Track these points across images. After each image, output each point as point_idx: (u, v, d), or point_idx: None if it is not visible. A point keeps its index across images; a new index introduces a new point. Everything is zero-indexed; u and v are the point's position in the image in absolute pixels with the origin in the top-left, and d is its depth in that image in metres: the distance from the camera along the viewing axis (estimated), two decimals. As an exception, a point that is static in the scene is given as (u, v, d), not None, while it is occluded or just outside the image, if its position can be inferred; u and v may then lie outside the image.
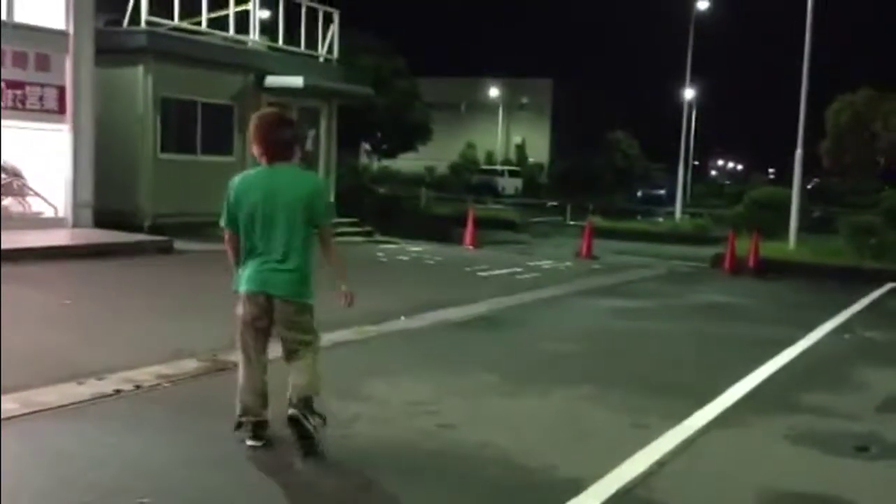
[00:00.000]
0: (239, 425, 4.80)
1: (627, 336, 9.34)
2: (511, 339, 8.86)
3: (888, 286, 14.66)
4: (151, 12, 17.29)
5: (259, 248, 4.68)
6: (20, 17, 14.47)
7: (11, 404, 5.28)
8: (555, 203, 40.29)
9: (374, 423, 5.43)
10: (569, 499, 4.31)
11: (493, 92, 69.12)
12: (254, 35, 19.86)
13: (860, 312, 11.75)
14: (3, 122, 13.98)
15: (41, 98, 15.01)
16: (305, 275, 4.71)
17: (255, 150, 4.85)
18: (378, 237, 19.85)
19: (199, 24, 18.59)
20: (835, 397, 6.84)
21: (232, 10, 18.99)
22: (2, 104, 14.15)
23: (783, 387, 7.10)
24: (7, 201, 15.13)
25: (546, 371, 7.28)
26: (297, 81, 19.03)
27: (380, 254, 16.52)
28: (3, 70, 14.17)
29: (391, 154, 43.42)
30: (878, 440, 5.68)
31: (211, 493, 4.26)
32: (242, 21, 19.46)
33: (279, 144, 4.81)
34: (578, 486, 4.48)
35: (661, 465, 4.94)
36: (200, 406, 5.63)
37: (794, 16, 20.95)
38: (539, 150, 71.25)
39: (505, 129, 69.95)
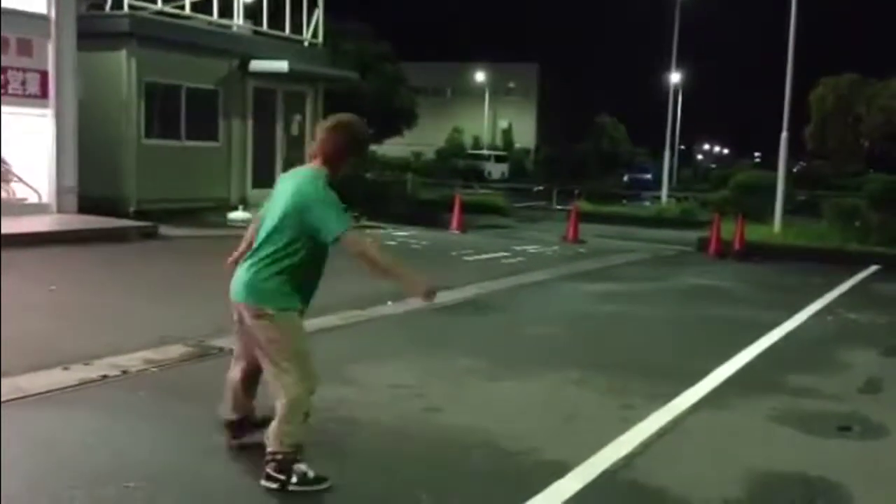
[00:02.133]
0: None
1: (613, 319, 9.38)
2: (497, 323, 8.88)
3: (872, 268, 14.76)
4: (134, -4, 17.17)
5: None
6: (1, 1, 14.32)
7: (-4, 390, 5.27)
8: (541, 188, 40.30)
9: (360, 408, 5.44)
10: (553, 481, 4.34)
11: (479, 77, 68.99)
12: (238, 19, 19.73)
13: (844, 295, 11.83)
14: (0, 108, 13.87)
15: (23, 83, 14.87)
16: (261, 279, 4.08)
17: None
18: (364, 222, 19.80)
19: (183, 7, 18.44)
20: (818, 378, 6.89)
21: (216, -7, 18.86)
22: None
23: (767, 368, 7.16)
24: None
25: (532, 355, 7.30)
26: (281, 66, 18.93)
27: (367, 239, 16.49)
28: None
29: (378, 139, 43.30)
30: (860, 420, 5.74)
31: (197, 478, 4.26)
32: (226, 5, 19.33)
33: (321, 148, 4.23)
34: (563, 469, 4.51)
35: (645, 446, 4.98)
36: (187, 392, 5.63)
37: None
38: (525, 134, 71.22)
39: (491, 114, 69.86)
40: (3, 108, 14.35)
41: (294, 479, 4.05)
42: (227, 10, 19.34)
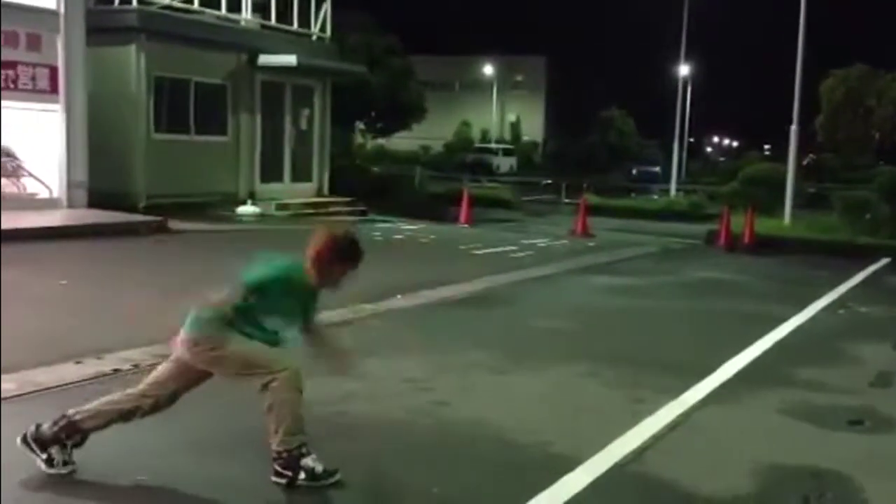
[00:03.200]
0: None
1: (622, 313, 9.37)
2: (506, 316, 8.88)
3: (883, 261, 14.71)
4: (143, -9, 17.20)
5: None
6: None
7: (9, 384, 5.31)
8: (549, 181, 40.24)
9: (369, 401, 5.46)
10: (563, 475, 4.34)
11: (487, 70, 68.85)
12: (246, 13, 19.74)
13: (855, 288, 11.79)
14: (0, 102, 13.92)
15: (33, 78, 14.92)
16: None
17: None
18: (373, 216, 19.84)
19: (191, 2, 18.46)
20: (829, 372, 6.88)
21: (224, -12, 18.88)
22: (-4, 85, 14.10)
23: (778, 362, 7.14)
24: (1, 182, 15.09)
25: (541, 348, 7.30)
26: (290, 60, 18.95)
27: (375, 233, 16.49)
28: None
29: (386, 133, 43.29)
30: (871, 414, 5.72)
31: (208, 472, 4.28)
32: (234, -1, 19.36)
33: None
34: (573, 462, 4.51)
35: (655, 440, 4.98)
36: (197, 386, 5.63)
37: (789, -9, 20.83)
38: (533, 127, 71.13)
39: (499, 108, 69.74)
40: (13, 103, 14.41)
41: (302, 476, 4.07)
42: (235, 5, 19.35)
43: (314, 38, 21.24)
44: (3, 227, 11.59)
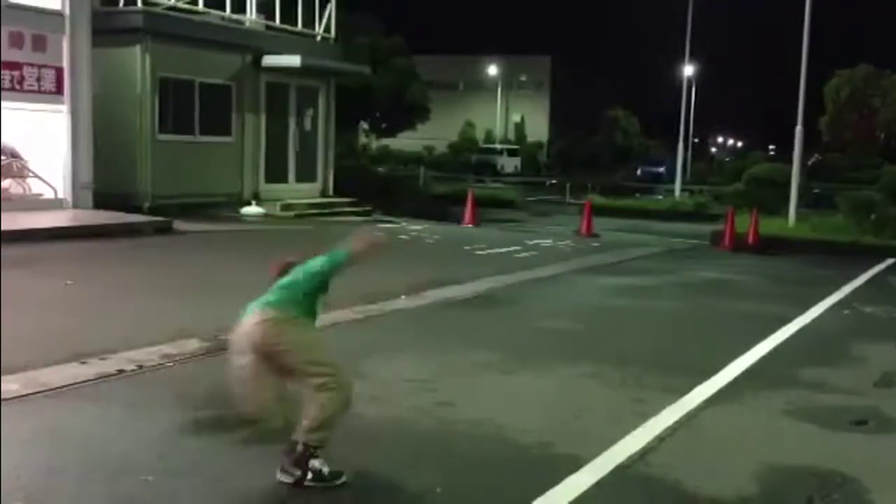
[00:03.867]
0: None
1: (627, 313, 9.36)
2: (510, 317, 8.89)
3: (888, 262, 14.67)
4: (147, -8, 17.22)
5: None
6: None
7: (13, 385, 5.32)
8: (554, 181, 40.26)
9: (374, 402, 5.46)
10: (567, 475, 4.35)
11: (492, 70, 68.85)
12: (251, 14, 19.77)
13: (860, 288, 11.77)
14: (1, 103, 13.94)
15: (38, 79, 14.94)
16: None
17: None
18: (377, 216, 19.86)
19: (196, 3, 18.48)
20: (834, 372, 6.87)
21: (228, -11, 18.90)
22: (0, 85, 14.11)
23: (782, 362, 7.13)
24: (6, 183, 15.12)
25: (545, 349, 7.30)
26: (294, 61, 18.97)
27: (378, 233, 16.50)
28: (0, 51, 14.11)
29: (390, 133, 43.37)
30: (876, 415, 5.71)
31: (212, 473, 4.29)
32: (239, 0, 19.37)
33: None
34: (577, 463, 4.52)
35: (659, 440, 4.98)
36: (203, 386, 5.65)
37: (794, -9, 20.79)
38: (538, 128, 71.09)
39: (504, 108, 69.76)
40: (18, 103, 14.45)
41: (309, 476, 4.09)
42: (239, 6, 19.37)
43: (318, 38, 21.25)
44: (9, 227, 11.63)
